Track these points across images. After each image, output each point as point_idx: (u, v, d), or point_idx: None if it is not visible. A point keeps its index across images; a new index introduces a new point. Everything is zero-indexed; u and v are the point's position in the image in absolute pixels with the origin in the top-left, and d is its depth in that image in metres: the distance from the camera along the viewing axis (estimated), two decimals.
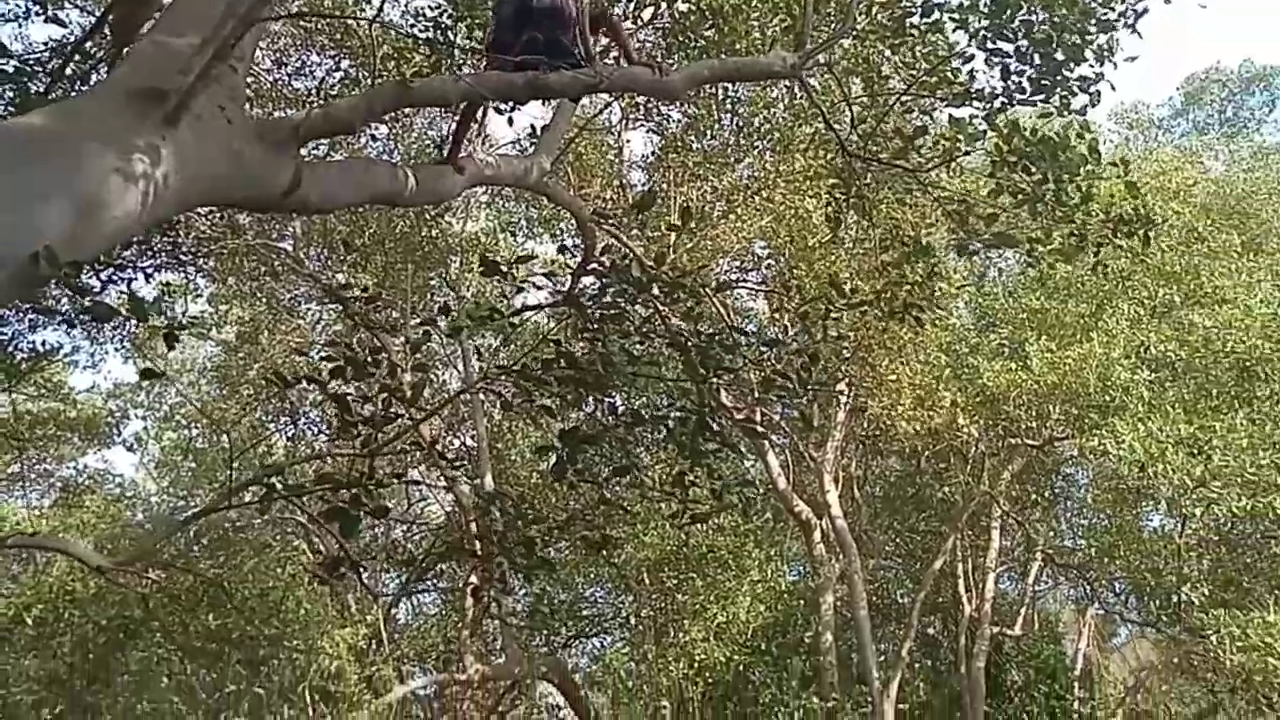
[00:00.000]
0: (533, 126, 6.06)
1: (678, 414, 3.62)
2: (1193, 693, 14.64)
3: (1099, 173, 4.87)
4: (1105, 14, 4.75)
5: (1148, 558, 11.60)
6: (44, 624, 11.38)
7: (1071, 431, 11.06)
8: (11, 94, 5.79)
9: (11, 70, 5.82)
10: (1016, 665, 13.61)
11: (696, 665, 12.18)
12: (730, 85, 8.53)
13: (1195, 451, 9.02)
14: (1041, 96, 4.91)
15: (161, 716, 12.45)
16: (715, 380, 3.61)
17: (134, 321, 3.73)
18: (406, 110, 8.94)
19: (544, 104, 5.75)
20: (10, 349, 10.13)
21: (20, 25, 6.70)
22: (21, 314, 9.07)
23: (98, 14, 6.28)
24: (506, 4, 4.04)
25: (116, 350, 12.70)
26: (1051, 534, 14.00)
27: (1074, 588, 15.53)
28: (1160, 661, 14.48)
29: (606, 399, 3.71)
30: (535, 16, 3.89)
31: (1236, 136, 17.87)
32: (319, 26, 8.70)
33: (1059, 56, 4.74)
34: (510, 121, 5.97)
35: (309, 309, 13.32)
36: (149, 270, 8.32)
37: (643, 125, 10.42)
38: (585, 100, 6.77)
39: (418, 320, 11.66)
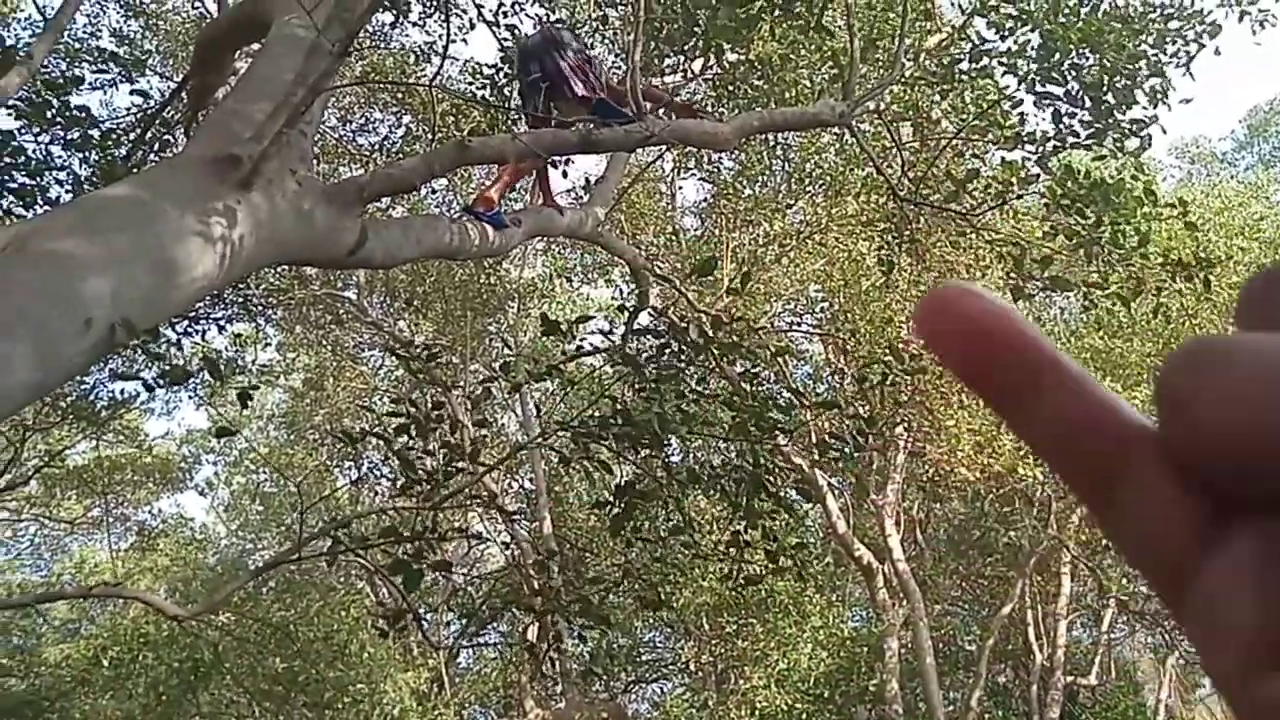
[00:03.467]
0: (587, 178, 6.22)
1: (733, 474, 3.63)
2: None
3: (1155, 214, 4.80)
4: (1156, 56, 4.72)
5: None
6: (120, 665, 11.71)
7: None
8: (96, 159, 6.13)
9: (97, 137, 6.18)
10: (1093, 716, 13.11)
11: (759, 713, 11.97)
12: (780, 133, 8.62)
13: None
14: (1094, 139, 4.88)
15: None
16: (769, 441, 3.63)
17: (205, 374, 3.89)
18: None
19: (598, 156, 5.90)
20: (91, 398, 10.61)
21: (106, 93, 7.12)
22: (102, 364, 9.50)
23: (176, 81, 6.64)
24: (521, 79, 4.40)
25: (190, 398, 13.19)
26: (1125, 580, 13.53)
27: (1151, 635, 14.94)
28: None
29: (662, 457, 3.75)
30: (531, 90, 4.21)
31: None
32: (382, 86, 9.05)
33: (1110, 100, 4.72)
34: (565, 175, 6.13)
35: (372, 355, 13.67)
36: (221, 322, 8.65)
37: (694, 174, 10.56)
38: (638, 150, 6.92)
39: (477, 369, 11.89)
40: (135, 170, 5.42)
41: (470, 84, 7.35)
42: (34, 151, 5.99)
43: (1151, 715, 13.75)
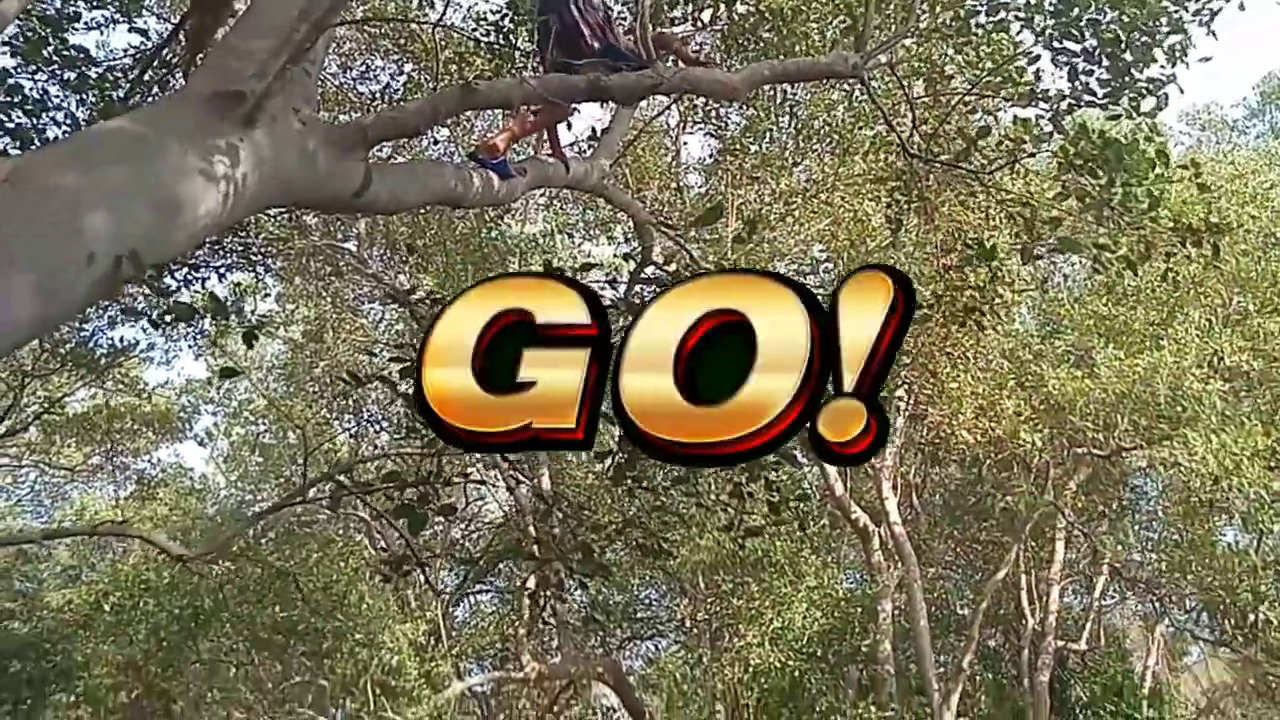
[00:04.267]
0: (593, 129, 6.13)
1: None
2: (1270, 716, 14.10)
3: (1168, 177, 4.74)
4: (1177, 13, 4.63)
5: (1221, 574, 11.21)
6: (121, 611, 11.83)
7: (1140, 442, 10.75)
8: (94, 100, 6.04)
9: (95, 78, 6.08)
10: (1081, 681, 13.25)
11: (752, 670, 12.12)
12: (789, 88, 8.48)
13: (1273, 465, 8.72)
14: (1110, 98, 4.80)
15: (230, 704, 12.83)
16: None
17: (208, 320, 3.85)
18: (468, 113, 9.09)
19: (602, 107, 5.80)
20: (91, 345, 10.58)
21: (103, 33, 6.99)
22: (101, 311, 9.46)
23: (175, 21, 6.53)
24: (542, 29, 4.32)
25: (189, 347, 13.18)
26: (1119, 547, 13.62)
27: (1142, 603, 15.06)
28: (1235, 682, 13.96)
29: None
30: (553, 40, 4.13)
31: None
32: (383, 31, 8.90)
33: (1128, 57, 4.63)
34: (569, 125, 6.03)
35: (372, 308, 13.62)
36: (221, 270, 8.59)
37: (701, 128, 10.42)
38: (644, 103, 6.82)
39: None
40: None
41: (474, 30, 7.21)
42: (31, 91, 5.91)
43: (1139, 681, 13.92)
